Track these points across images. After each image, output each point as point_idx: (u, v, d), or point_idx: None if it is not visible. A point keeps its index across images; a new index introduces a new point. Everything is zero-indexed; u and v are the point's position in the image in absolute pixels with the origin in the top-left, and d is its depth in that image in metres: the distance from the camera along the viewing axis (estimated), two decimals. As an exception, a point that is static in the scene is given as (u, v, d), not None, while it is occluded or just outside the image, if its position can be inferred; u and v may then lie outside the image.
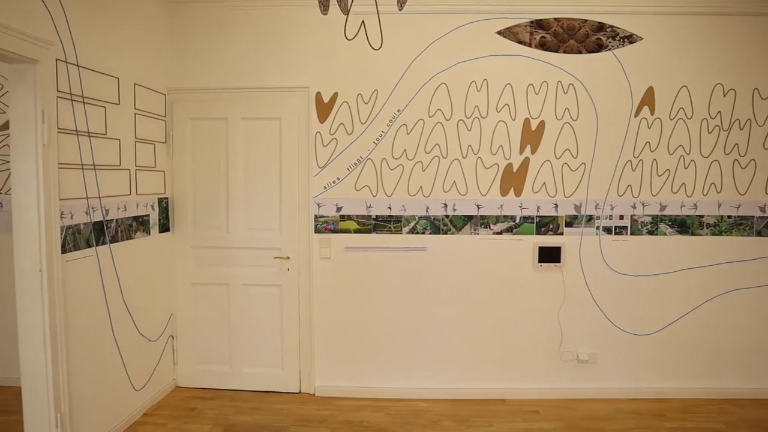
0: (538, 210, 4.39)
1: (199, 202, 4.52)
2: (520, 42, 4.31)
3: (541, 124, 4.34)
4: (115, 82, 3.77)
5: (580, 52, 4.30)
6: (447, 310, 4.45)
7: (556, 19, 4.28)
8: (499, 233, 4.41)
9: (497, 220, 4.39)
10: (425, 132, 4.36)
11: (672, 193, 4.36)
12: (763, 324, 4.41)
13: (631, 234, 4.39)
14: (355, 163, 4.39)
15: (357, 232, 4.43)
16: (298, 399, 4.44)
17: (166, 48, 4.43)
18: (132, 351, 3.99)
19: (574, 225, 4.39)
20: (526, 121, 4.34)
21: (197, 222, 4.54)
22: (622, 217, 4.38)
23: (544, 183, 4.37)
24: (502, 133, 4.35)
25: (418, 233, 4.42)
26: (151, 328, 4.27)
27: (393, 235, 4.43)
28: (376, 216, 4.42)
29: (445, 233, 4.41)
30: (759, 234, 4.36)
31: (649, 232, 4.38)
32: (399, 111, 4.35)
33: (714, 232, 4.37)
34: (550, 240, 4.40)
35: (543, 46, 4.30)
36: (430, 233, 4.42)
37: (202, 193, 4.51)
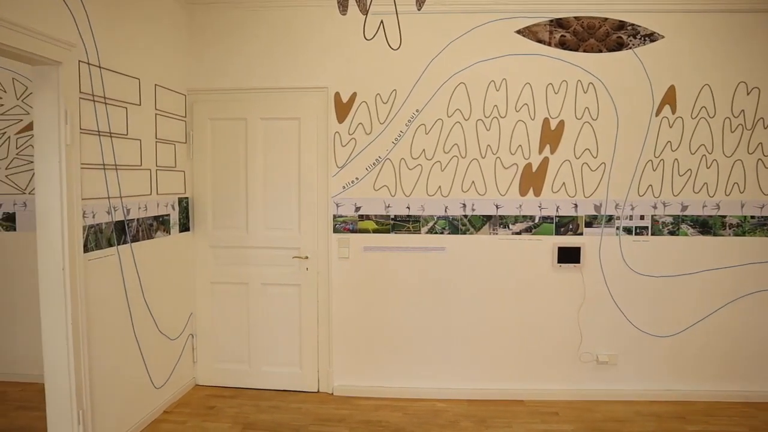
0: (557, 210, 4.36)
1: (218, 202, 4.55)
2: (540, 41, 4.28)
3: (561, 123, 4.31)
4: (136, 83, 3.80)
5: (600, 51, 4.26)
6: (465, 310, 4.43)
7: (576, 17, 4.25)
8: (518, 233, 4.39)
9: (516, 220, 4.37)
10: (444, 132, 4.35)
11: (694, 193, 4.31)
12: (787, 326, 4.35)
13: (652, 234, 4.35)
14: (373, 163, 4.39)
15: (376, 231, 4.43)
16: (316, 398, 4.45)
17: (186, 49, 4.47)
18: (152, 349, 4.03)
19: (594, 225, 4.36)
20: (546, 120, 4.32)
21: (217, 222, 4.57)
22: (642, 217, 4.34)
23: (564, 183, 4.34)
24: (521, 133, 4.33)
25: (436, 233, 4.41)
26: (171, 327, 4.31)
27: (411, 235, 4.42)
28: (395, 216, 4.42)
29: (464, 233, 4.40)
30: (783, 235, 4.31)
31: (671, 233, 4.34)
32: (418, 111, 4.34)
33: (737, 232, 4.31)
34: (569, 240, 4.38)
35: (563, 45, 4.27)
36: (449, 233, 4.41)
37: (222, 193, 4.54)
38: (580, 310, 4.39)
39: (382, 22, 3.90)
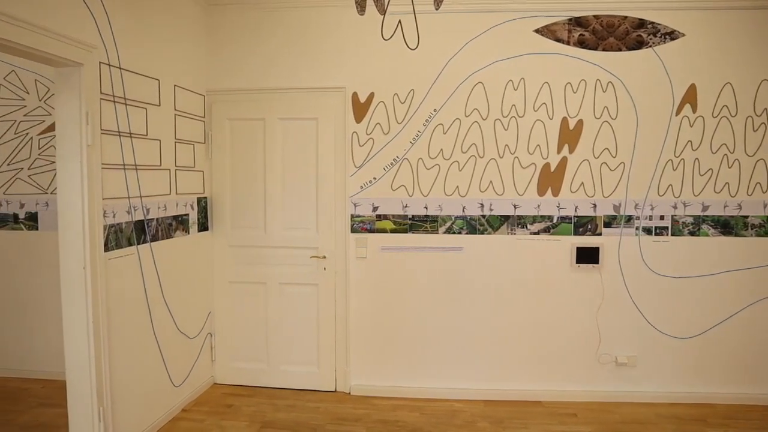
0: (576, 210, 4.33)
1: (237, 202, 4.58)
2: (558, 40, 4.26)
3: (579, 123, 4.28)
4: (155, 84, 3.84)
5: (620, 50, 4.23)
6: (483, 310, 4.42)
7: (595, 16, 4.22)
8: (537, 233, 4.36)
9: (534, 220, 4.35)
10: (462, 131, 4.34)
11: (715, 192, 4.25)
12: (810, 328, 4.28)
13: (672, 235, 4.30)
14: (391, 163, 4.39)
15: (393, 231, 4.44)
16: (333, 397, 4.46)
17: (205, 50, 4.50)
18: (171, 347, 4.06)
19: (613, 225, 4.32)
20: (564, 120, 4.29)
21: (235, 221, 4.60)
22: (662, 217, 4.30)
23: (582, 183, 4.31)
24: (540, 133, 4.30)
25: (454, 233, 4.40)
26: (190, 326, 4.34)
27: (429, 235, 4.42)
28: (413, 216, 4.41)
29: (482, 233, 4.39)
30: (807, 235, 4.24)
31: (691, 233, 4.29)
32: (435, 110, 4.34)
33: (759, 233, 4.25)
34: (588, 240, 4.34)
35: (581, 44, 4.24)
36: (467, 233, 4.40)
37: (240, 193, 4.57)
38: (598, 311, 4.35)
39: (399, 21, 3.90)
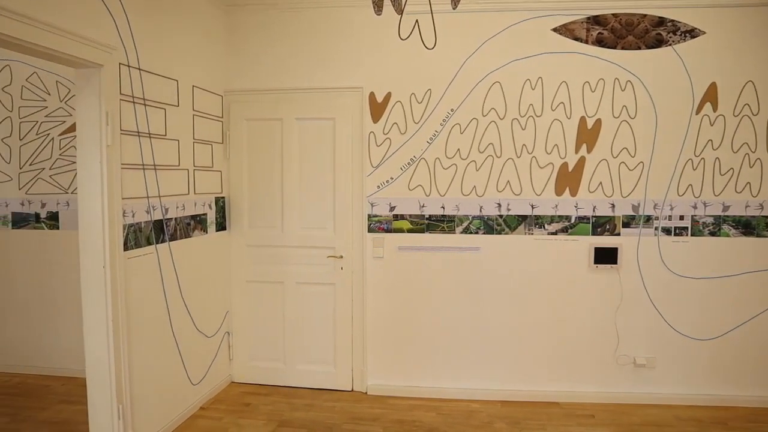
0: (594, 210, 4.30)
1: (254, 202, 4.60)
2: (576, 39, 4.23)
3: (598, 122, 4.25)
4: (174, 85, 3.87)
5: (639, 48, 4.19)
6: (500, 310, 4.40)
7: (614, 14, 4.18)
8: (554, 233, 4.34)
9: (552, 220, 4.33)
10: (479, 131, 4.33)
11: (736, 192, 4.20)
12: (834, 330, 4.21)
13: (692, 235, 4.25)
14: (408, 163, 4.39)
15: (410, 231, 4.43)
16: (350, 397, 4.47)
17: (223, 51, 4.53)
18: (189, 346, 4.09)
19: (632, 225, 4.29)
20: (582, 119, 4.26)
21: (253, 221, 4.62)
22: (682, 217, 4.25)
23: (601, 182, 4.28)
24: (557, 132, 4.28)
25: (471, 233, 4.39)
26: (208, 324, 4.37)
27: (446, 235, 4.41)
28: (430, 215, 4.41)
29: (499, 233, 4.37)
30: (830, 236, 4.17)
31: (711, 233, 4.24)
32: (452, 110, 4.33)
33: (781, 233, 4.20)
34: (606, 241, 4.31)
35: (600, 42, 4.21)
36: (484, 233, 4.38)
37: (258, 193, 4.59)
38: (617, 312, 4.32)
39: (417, 21, 3.89)
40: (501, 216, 4.36)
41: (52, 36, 2.74)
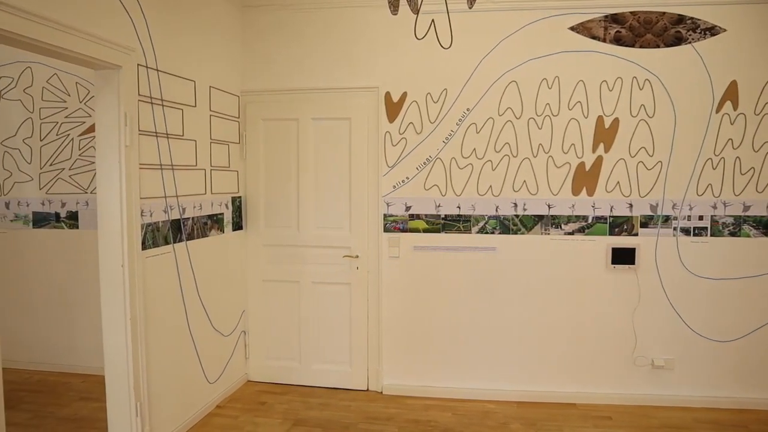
0: (611, 210, 4.26)
1: (270, 201, 4.63)
2: (594, 37, 4.19)
3: (615, 121, 4.21)
4: (191, 86, 3.90)
5: (658, 46, 4.14)
6: (516, 311, 4.38)
7: (632, 12, 4.14)
8: (571, 233, 4.31)
9: (569, 220, 4.30)
10: (495, 131, 4.31)
11: (757, 192, 4.13)
12: None
13: (712, 235, 4.20)
14: (424, 163, 4.38)
15: (426, 231, 4.43)
16: (365, 396, 4.48)
17: (240, 51, 4.56)
18: (206, 345, 4.12)
19: (650, 225, 4.24)
20: (599, 118, 4.22)
21: (269, 220, 4.64)
22: (701, 217, 4.20)
23: (618, 182, 4.24)
24: (574, 132, 4.25)
25: (487, 233, 4.37)
26: (224, 323, 4.40)
27: (462, 235, 4.40)
28: (445, 215, 4.40)
29: (515, 233, 4.35)
30: None
31: (731, 234, 4.18)
32: (468, 110, 4.32)
33: (803, 234, 4.13)
34: (624, 241, 4.27)
35: (618, 41, 4.17)
36: (500, 233, 4.36)
37: (274, 193, 4.61)
38: (634, 313, 4.28)
39: (433, 21, 3.88)
40: (517, 216, 4.34)
41: (71, 38, 2.78)
